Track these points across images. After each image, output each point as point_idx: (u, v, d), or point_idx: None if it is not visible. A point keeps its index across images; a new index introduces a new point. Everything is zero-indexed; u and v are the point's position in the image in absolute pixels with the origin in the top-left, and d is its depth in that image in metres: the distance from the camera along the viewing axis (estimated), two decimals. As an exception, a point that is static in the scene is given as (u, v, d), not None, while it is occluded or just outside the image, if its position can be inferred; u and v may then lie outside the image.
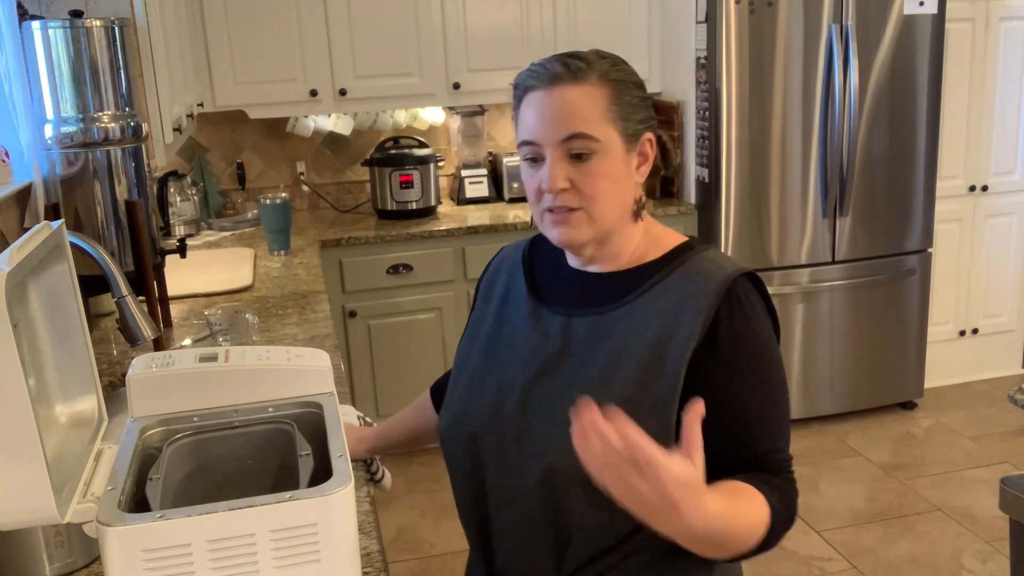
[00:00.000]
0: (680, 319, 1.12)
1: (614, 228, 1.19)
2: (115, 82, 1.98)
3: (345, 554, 0.94)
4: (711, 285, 1.14)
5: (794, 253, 3.69)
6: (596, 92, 1.15)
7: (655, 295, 1.17)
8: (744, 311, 1.14)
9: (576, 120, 1.14)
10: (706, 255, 1.20)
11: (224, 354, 1.15)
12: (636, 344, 1.14)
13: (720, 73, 3.49)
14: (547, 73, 1.16)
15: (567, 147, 1.14)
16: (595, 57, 1.18)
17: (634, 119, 1.19)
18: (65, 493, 0.94)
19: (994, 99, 3.99)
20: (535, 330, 1.24)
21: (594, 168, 1.15)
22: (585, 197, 1.15)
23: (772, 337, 1.17)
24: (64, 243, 1.12)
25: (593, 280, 1.23)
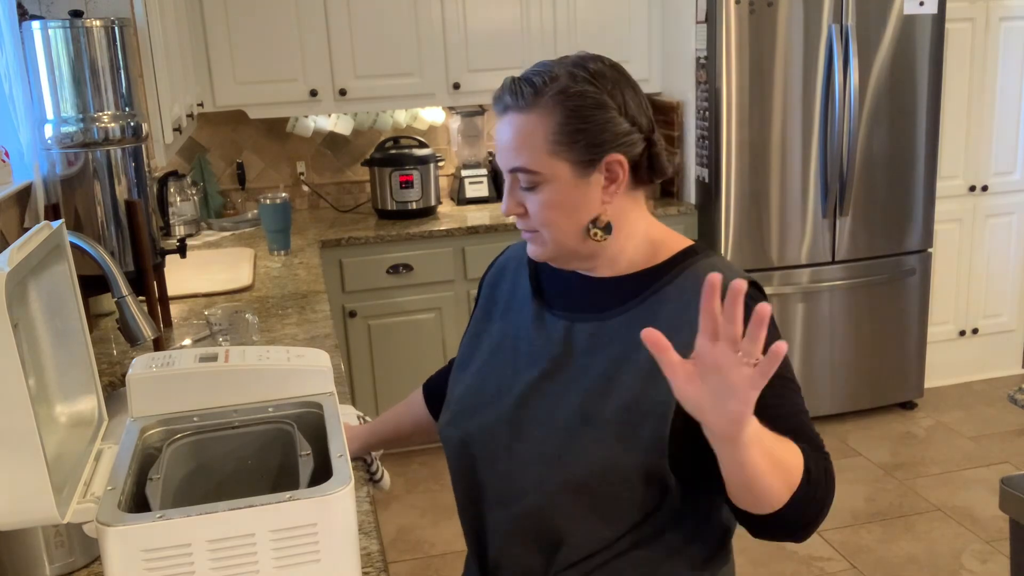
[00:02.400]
0: (682, 328, 1.10)
1: (578, 247, 1.18)
2: (115, 82, 1.98)
3: (345, 554, 0.94)
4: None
5: (794, 253, 3.69)
6: (542, 121, 1.13)
7: (657, 302, 1.16)
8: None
9: (517, 153, 1.14)
10: (709, 262, 1.18)
11: (224, 354, 1.15)
12: (636, 353, 1.12)
13: (720, 73, 3.49)
14: (500, 100, 1.17)
15: (514, 177, 1.16)
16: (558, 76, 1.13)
17: (589, 143, 1.13)
18: (65, 493, 0.94)
19: (994, 99, 3.99)
20: (538, 334, 1.24)
21: (540, 198, 1.15)
22: (535, 222, 1.17)
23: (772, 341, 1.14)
24: (64, 243, 1.12)
25: (595, 285, 1.22)
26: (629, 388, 1.13)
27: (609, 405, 1.13)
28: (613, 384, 1.14)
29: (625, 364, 1.14)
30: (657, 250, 1.21)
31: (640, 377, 1.12)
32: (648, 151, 1.18)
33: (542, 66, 1.17)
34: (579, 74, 1.14)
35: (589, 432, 1.13)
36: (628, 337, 1.15)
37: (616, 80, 1.16)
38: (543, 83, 1.13)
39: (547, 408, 1.18)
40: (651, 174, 1.19)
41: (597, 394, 1.14)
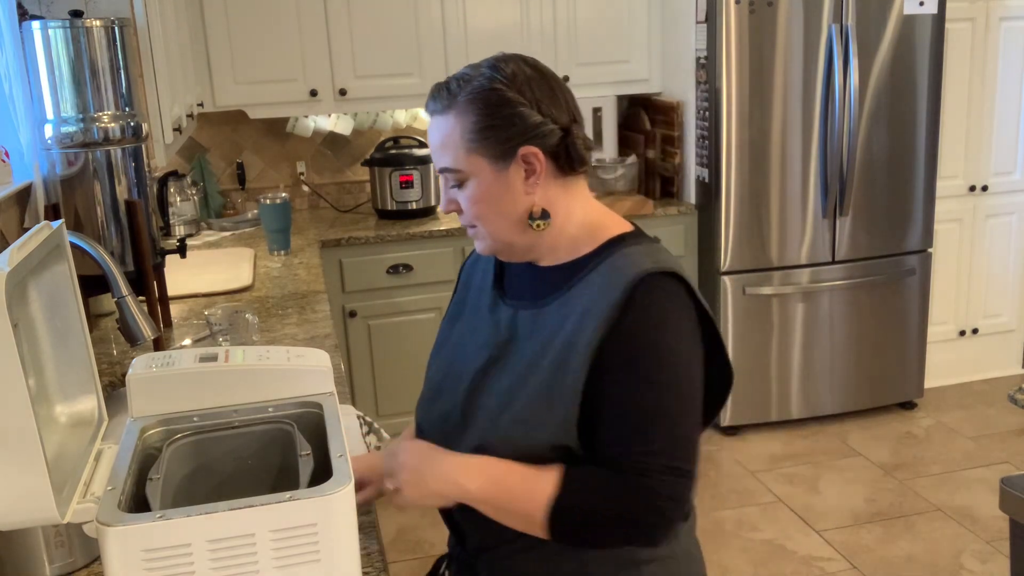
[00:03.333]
0: (591, 315, 1.17)
1: (515, 238, 1.24)
2: (115, 82, 1.98)
3: (345, 554, 0.94)
4: (621, 282, 1.16)
5: (794, 253, 3.69)
6: (458, 121, 1.20)
7: (579, 291, 1.21)
8: (641, 312, 1.15)
9: (441, 153, 1.23)
10: (629, 250, 1.22)
11: (224, 354, 1.15)
12: (555, 338, 1.20)
13: (720, 73, 3.49)
14: (429, 103, 1.24)
15: (444, 176, 1.24)
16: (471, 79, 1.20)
17: (500, 138, 1.19)
18: (65, 493, 0.94)
19: (994, 99, 3.99)
20: (491, 321, 1.30)
21: (467, 194, 1.23)
22: (470, 217, 1.25)
23: (671, 341, 1.17)
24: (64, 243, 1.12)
25: (541, 274, 1.28)
26: (546, 371, 1.19)
27: (529, 388, 1.20)
28: (535, 368, 1.20)
29: (547, 349, 1.20)
30: (595, 236, 1.26)
31: (555, 362, 1.18)
32: (565, 141, 1.22)
33: (461, 71, 1.23)
34: (492, 75, 1.20)
35: (510, 414, 1.20)
36: (553, 323, 1.21)
37: (529, 77, 1.21)
38: (458, 86, 1.21)
39: (489, 390, 1.25)
40: (572, 163, 1.24)
41: (522, 378, 1.21)
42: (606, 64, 3.88)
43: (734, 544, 3.04)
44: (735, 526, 3.15)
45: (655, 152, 4.02)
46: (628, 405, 1.15)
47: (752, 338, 3.72)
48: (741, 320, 3.70)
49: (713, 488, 3.41)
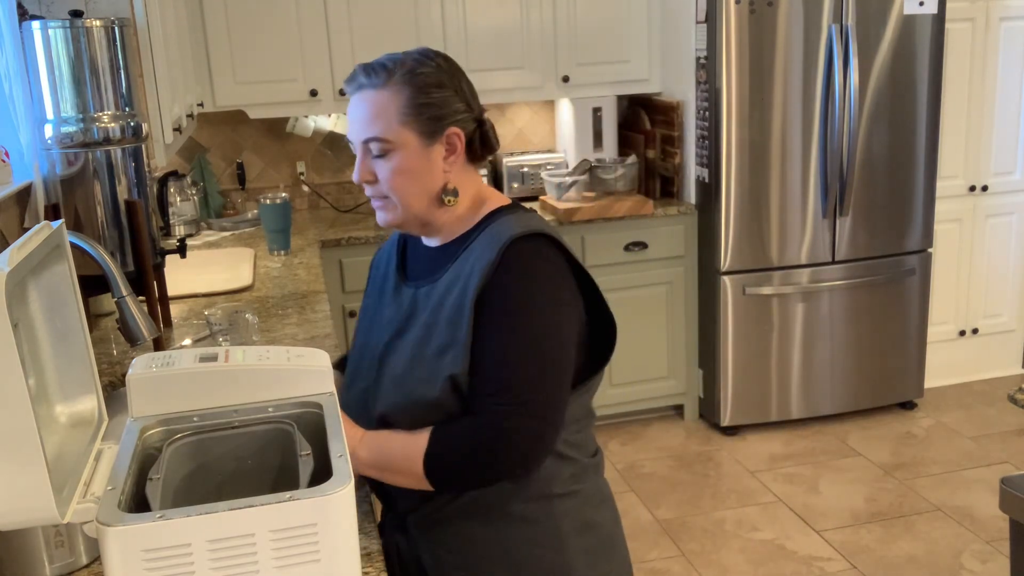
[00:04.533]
0: (472, 275, 1.30)
1: (424, 212, 1.36)
2: (115, 82, 1.98)
3: (345, 554, 0.94)
4: (496, 245, 1.30)
5: (794, 253, 3.69)
6: (392, 97, 1.30)
7: (463, 260, 1.34)
8: (517, 264, 1.30)
9: (372, 124, 1.31)
10: (503, 219, 1.36)
11: (224, 354, 1.15)
12: (446, 303, 1.32)
13: (720, 73, 3.49)
14: (354, 80, 1.33)
15: (366, 146, 1.32)
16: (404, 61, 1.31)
17: (433, 116, 1.32)
18: (65, 493, 0.94)
19: (994, 99, 3.99)
20: (395, 303, 1.42)
21: (390, 165, 1.32)
22: (386, 189, 1.33)
23: (536, 294, 1.30)
24: (64, 243, 1.12)
25: (432, 253, 1.41)
26: (441, 331, 1.31)
27: (431, 349, 1.31)
28: (431, 332, 1.33)
29: (440, 313, 1.32)
30: (478, 212, 1.40)
31: (448, 323, 1.30)
32: (479, 129, 1.37)
33: (389, 56, 1.34)
34: (423, 60, 1.33)
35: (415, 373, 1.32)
36: (443, 291, 1.34)
37: (452, 69, 1.35)
38: (393, 66, 1.31)
39: (392, 362, 1.37)
40: (483, 150, 1.38)
41: (422, 341, 1.33)
42: (606, 64, 3.88)
43: (734, 544, 3.04)
44: (735, 526, 3.15)
45: (655, 152, 4.02)
46: (491, 353, 1.28)
47: (752, 338, 3.72)
48: (741, 320, 3.70)
49: (713, 488, 3.41)
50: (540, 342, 1.29)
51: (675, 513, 3.25)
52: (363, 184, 1.36)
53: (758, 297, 3.69)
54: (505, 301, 1.28)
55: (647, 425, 3.98)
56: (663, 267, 3.79)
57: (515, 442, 1.26)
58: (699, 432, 3.89)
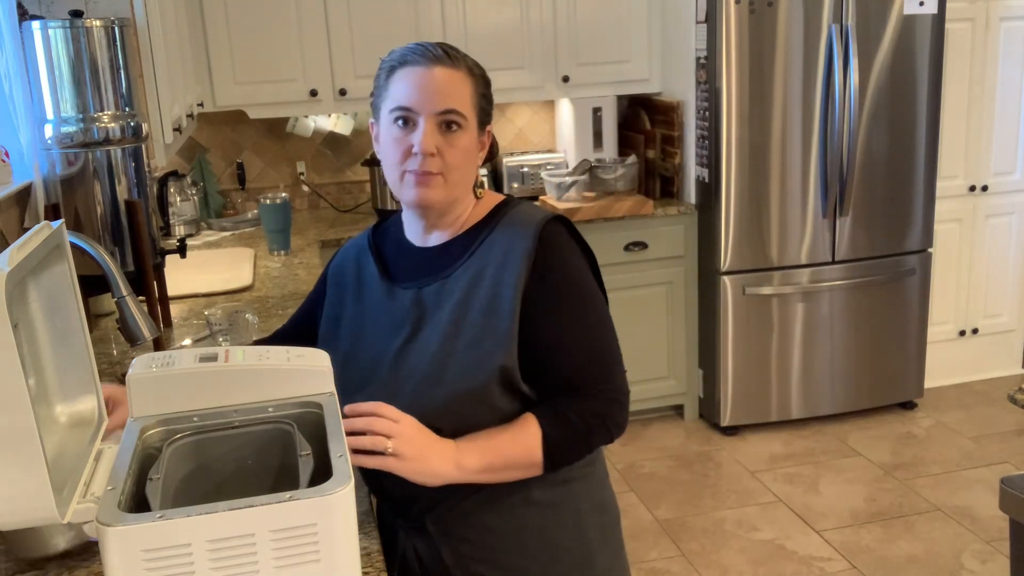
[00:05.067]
0: (507, 265, 1.32)
1: (460, 196, 1.38)
2: (115, 82, 1.98)
3: (345, 554, 0.94)
4: (528, 232, 1.34)
5: (794, 253, 3.69)
6: (466, 79, 1.34)
7: (484, 250, 1.36)
8: (557, 250, 1.35)
9: (453, 98, 1.32)
10: (519, 208, 1.40)
11: (224, 354, 1.15)
12: (475, 294, 1.33)
13: (720, 73, 3.49)
14: (429, 53, 1.33)
15: (441, 118, 1.31)
16: (463, 54, 1.36)
17: (485, 111, 1.38)
18: (65, 493, 0.94)
19: (994, 99, 3.99)
20: (392, 306, 1.40)
21: (458, 140, 1.33)
22: (446, 164, 1.33)
23: (586, 270, 1.38)
24: (64, 243, 1.12)
25: (433, 253, 1.41)
26: (474, 323, 1.32)
27: (462, 343, 1.31)
28: (460, 325, 1.32)
29: (468, 306, 1.33)
30: (479, 209, 1.42)
31: (483, 313, 1.31)
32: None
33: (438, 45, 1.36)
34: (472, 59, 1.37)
35: (452, 368, 1.31)
36: (466, 283, 1.34)
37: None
38: (461, 54, 1.35)
39: (412, 364, 1.35)
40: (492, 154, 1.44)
41: (450, 337, 1.32)
42: (606, 64, 3.88)
43: (734, 544, 3.04)
44: (735, 526, 3.15)
45: (655, 152, 4.02)
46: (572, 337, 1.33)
47: (752, 338, 3.72)
48: (741, 320, 3.70)
49: (713, 488, 3.41)
50: (605, 320, 1.37)
51: (675, 513, 3.25)
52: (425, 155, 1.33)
53: (758, 297, 3.69)
54: (562, 285, 1.33)
55: (647, 425, 3.98)
56: (663, 267, 3.79)
57: (614, 418, 1.35)
58: (699, 432, 3.89)
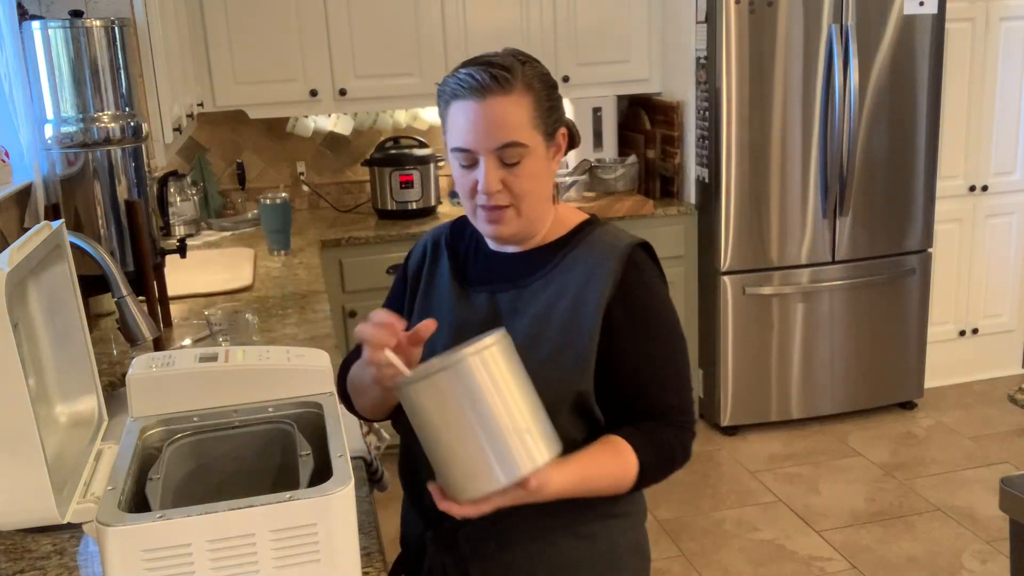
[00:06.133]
0: (591, 284, 1.30)
1: (539, 217, 1.34)
2: (115, 82, 1.98)
3: (345, 554, 0.94)
4: (615, 253, 1.31)
5: (794, 253, 3.69)
6: (522, 101, 1.26)
7: (567, 266, 1.33)
8: (643, 275, 1.33)
9: (507, 130, 1.25)
10: (606, 229, 1.38)
11: (224, 354, 1.15)
12: (555, 309, 1.30)
13: (720, 73, 3.49)
14: (476, 84, 1.25)
15: (500, 154, 1.26)
16: (515, 63, 1.27)
17: (552, 120, 1.30)
18: (65, 493, 0.94)
19: (994, 99, 3.99)
20: (461, 307, 1.37)
21: (523, 171, 1.27)
22: (515, 195, 1.28)
23: (667, 298, 1.36)
24: (64, 243, 1.12)
25: (511, 259, 1.37)
26: (551, 339, 1.29)
27: (535, 356, 1.26)
28: (538, 338, 1.29)
29: (547, 321, 1.30)
30: (560, 224, 1.38)
31: (562, 330, 1.29)
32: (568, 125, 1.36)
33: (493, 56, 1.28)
34: (525, 60, 1.29)
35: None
36: (547, 297, 1.32)
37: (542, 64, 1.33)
38: (511, 67, 1.26)
39: None
40: (570, 146, 1.37)
41: (525, 349, 1.24)
42: (606, 64, 3.88)
43: (734, 544, 3.04)
44: (735, 526, 3.15)
45: (655, 152, 4.02)
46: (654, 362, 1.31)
47: (752, 338, 3.72)
48: (741, 320, 3.70)
49: (713, 488, 3.41)
50: (684, 347, 1.36)
51: (675, 513, 3.25)
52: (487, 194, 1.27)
53: (758, 297, 3.69)
54: (642, 306, 1.31)
55: (647, 425, 3.97)
56: (663, 267, 3.78)
57: (688, 446, 1.34)
58: (699, 432, 3.88)
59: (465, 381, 1.07)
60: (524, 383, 1.13)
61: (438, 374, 1.07)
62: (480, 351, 1.08)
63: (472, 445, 1.08)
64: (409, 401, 1.10)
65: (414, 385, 1.09)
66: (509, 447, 1.08)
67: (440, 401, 1.08)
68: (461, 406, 1.07)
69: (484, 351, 1.09)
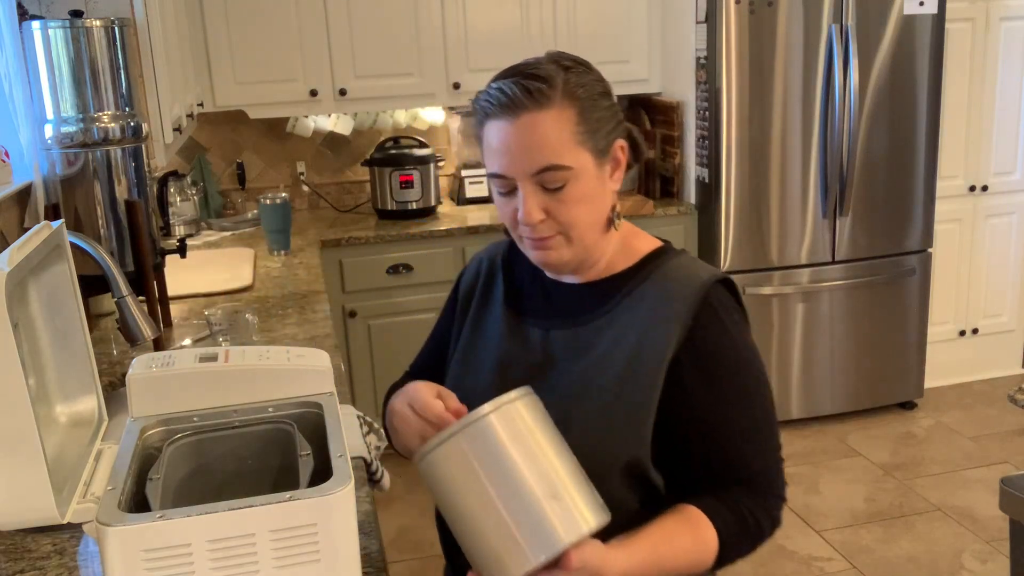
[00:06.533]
0: (655, 327, 1.12)
1: (594, 243, 1.17)
2: (115, 82, 1.98)
3: (345, 554, 0.94)
4: (686, 292, 1.13)
5: (794, 253, 3.69)
6: (562, 115, 1.09)
7: (631, 304, 1.16)
8: (721, 320, 1.13)
9: (545, 151, 1.09)
10: (679, 261, 1.19)
11: (224, 354, 1.15)
12: (614, 354, 1.13)
13: (720, 73, 3.49)
14: (507, 99, 1.09)
15: (539, 179, 1.10)
16: (556, 70, 1.11)
17: (604, 132, 1.14)
18: (65, 493, 0.94)
19: (994, 99, 3.99)
20: (512, 340, 1.23)
21: (569, 196, 1.11)
22: (561, 223, 1.12)
23: (752, 346, 1.16)
24: (64, 243, 1.12)
25: (570, 292, 1.21)
26: (604, 391, 1.13)
27: (587, 408, 1.12)
28: (590, 388, 1.13)
29: (603, 366, 1.14)
30: (629, 252, 1.21)
31: (618, 379, 1.12)
32: (630, 133, 1.20)
33: (529, 66, 1.13)
34: (569, 65, 1.14)
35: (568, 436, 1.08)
36: (605, 341, 1.15)
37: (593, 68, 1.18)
38: (549, 76, 1.10)
39: None
40: (635, 160, 1.20)
41: (576, 397, 1.13)
42: (606, 64, 3.85)
43: (734, 544, 3.04)
44: (735, 526, 3.14)
45: (655, 152, 4.02)
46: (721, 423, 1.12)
47: (752, 338, 3.72)
48: (741, 320, 3.69)
49: (713, 488, 3.41)
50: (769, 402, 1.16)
51: (675, 513, 3.24)
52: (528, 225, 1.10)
53: (758, 297, 3.69)
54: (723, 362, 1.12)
55: (647, 425, 3.97)
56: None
57: (777, 516, 1.19)
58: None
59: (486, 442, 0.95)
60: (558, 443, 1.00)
61: (454, 438, 0.96)
62: (500, 407, 0.97)
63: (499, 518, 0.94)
64: (427, 475, 1.00)
65: (431, 455, 0.98)
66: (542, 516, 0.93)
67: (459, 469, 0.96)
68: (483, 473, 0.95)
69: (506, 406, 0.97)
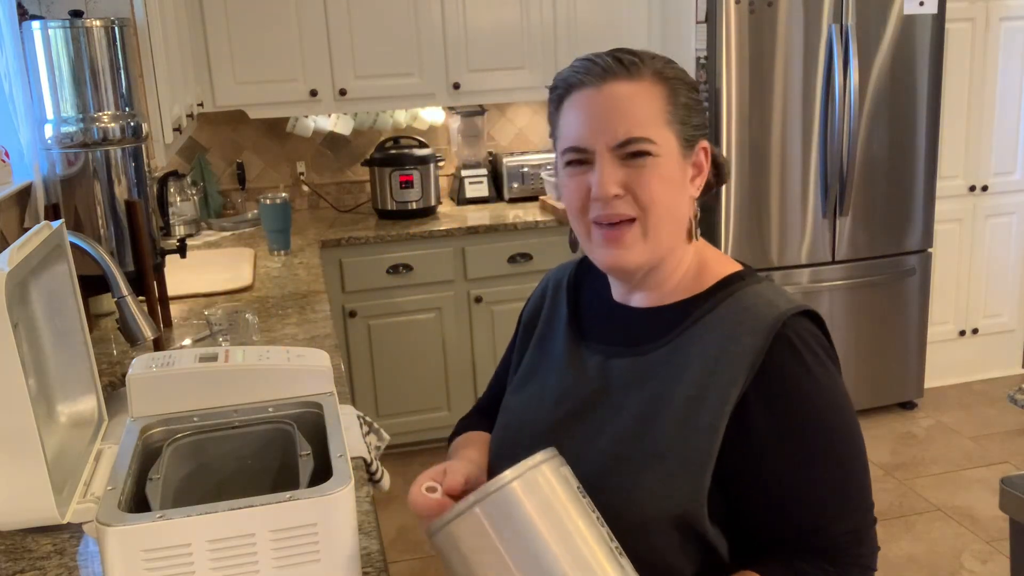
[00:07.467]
0: (722, 362, 0.99)
1: (668, 248, 1.06)
2: (115, 82, 1.98)
3: (345, 554, 0.94)
4: (760, 325, 1.00)
5: (794, 253, 3.69)
6: (652, 90, 1.02)
7: (697, 333, 1.04)
8: (799, 355, 0.99)
9: (634, 120, 1.01)
10: (757, 288, 1.06)
11: (224, 354, 1.15)
12: (674, 391, 1.02)
13: (720, 73, 3.49)
14: (597, 68, 1.02)
15: (622, 151, 1.01)
16: (646, 54, 1.05)
17: (690, 123, 1.06)
18: (65, 493, 0.94)
19: (994, 99, 3.99)
20: (571, 368, 1.13)
21: (650, 173, 1.01)
22: (640, 204, 1.02)
23: (838, 388, 1.02)
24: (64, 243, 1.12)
25: (635, 316, 1.11)
26: (662, 432, 1.01)
27: (642, 450, 1.01)
28: (648, 427, 1.02)
29: (662, 404, 1.02)
30: (703, 274, 1.10)
31: (676, 421, 1.00)
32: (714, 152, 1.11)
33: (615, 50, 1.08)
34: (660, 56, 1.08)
35: (618, 480, 1.01)
36: (666, 373, 1.04)
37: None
38: (640, 54, 1.05)
39: (575, 451, 1.02)
40: (717, 180, 1.11)
41: (630, 437, 1.03)
42: (606, 64, 3.87)
43: (734, 544, 3.04)
44: (735, 526, 3.14)
45: (655, 152, 4.01)
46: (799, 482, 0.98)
47: (752, 338, 3.72)
48: (741, 320, 3.69)
49: (713, 488, 3.41)
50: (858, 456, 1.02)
51: (675, 513, 3.24)
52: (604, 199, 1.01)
53: (758, 297, 3.69)
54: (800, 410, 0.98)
55: (647, 425, 3.97)
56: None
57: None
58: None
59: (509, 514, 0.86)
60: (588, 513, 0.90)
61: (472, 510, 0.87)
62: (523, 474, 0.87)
63: None
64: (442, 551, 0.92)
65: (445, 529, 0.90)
66: None
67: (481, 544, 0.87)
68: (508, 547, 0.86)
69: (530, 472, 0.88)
